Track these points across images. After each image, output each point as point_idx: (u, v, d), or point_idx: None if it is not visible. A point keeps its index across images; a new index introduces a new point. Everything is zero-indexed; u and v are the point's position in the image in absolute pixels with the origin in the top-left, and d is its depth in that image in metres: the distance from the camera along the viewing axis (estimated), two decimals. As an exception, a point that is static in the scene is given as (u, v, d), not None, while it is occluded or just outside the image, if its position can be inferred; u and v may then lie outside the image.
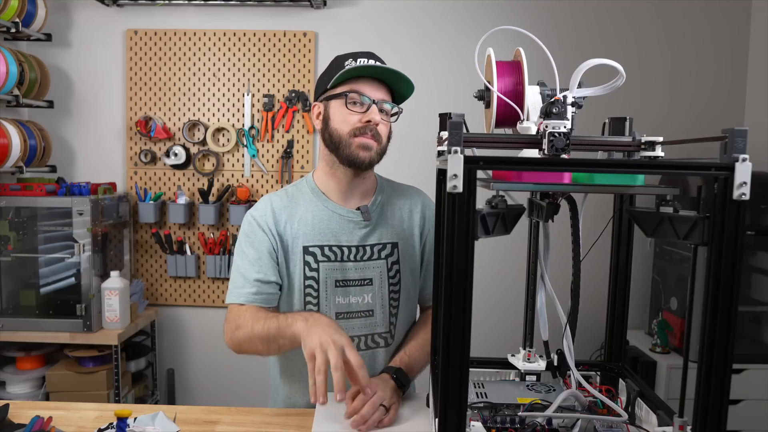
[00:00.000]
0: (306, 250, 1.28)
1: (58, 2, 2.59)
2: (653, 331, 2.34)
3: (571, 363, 1.00)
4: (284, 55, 2.61)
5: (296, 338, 1.10)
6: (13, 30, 2.29)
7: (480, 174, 0.74)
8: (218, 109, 2.64)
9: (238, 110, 2.64)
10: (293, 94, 2.61)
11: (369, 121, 1.22)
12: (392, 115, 1.29)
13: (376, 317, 1.32)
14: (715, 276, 0.73)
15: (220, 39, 2.61)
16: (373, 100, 1.23)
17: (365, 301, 1.31)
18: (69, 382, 2.32)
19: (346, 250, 1.29)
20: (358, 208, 1.31)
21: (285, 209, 1.30)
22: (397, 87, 1.28)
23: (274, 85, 2.63)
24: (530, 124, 0.89)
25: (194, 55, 2.62)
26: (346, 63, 1.25)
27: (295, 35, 2.60)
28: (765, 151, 2.36)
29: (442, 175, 1.02)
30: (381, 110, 1.25)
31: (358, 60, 1.26)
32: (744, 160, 0.70)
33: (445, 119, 1.01)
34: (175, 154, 2.61)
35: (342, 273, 1.30)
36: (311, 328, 1.07)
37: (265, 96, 2.61)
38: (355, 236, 1.30)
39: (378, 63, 1.27)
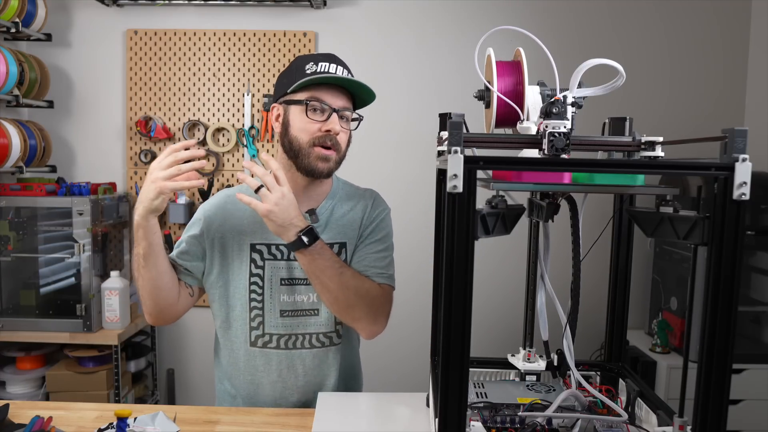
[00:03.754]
0: (253, 247, 1.30)
1: (58, 2, 2.58)
2: (653, 331, 2.34)
3: (571, 363, 1.00)
4: (284, 55, 2.61)
5: (138, 226, 1.17)
6: (13, 30, 2.28)
7: (480, 174, 0.74)
8: (218, 109, 2.64)
9: (238, 110, 2.64)
10: (293, 94, 2.61)
11: (329, 131, 1.22)
12: (352, 121, 1.29)
13: (321, 316, 1.32)
14: (715, 276, 0.73)
15: (220, 39, 2.61)
16: (334, 109, 1.22)
17: (311, 300, 1.31)
18: (69, 382, 2.32)
19: None
20: (309, 211, 1.31)
21: (236, 204, 1.30)
22: (359, 94, 1.28)
23: (274, 85, 2.62)
24: (530, 124, 0.89)
25: (194, 55, 2.62)
26: (307, 68, 1.24)
27: (295, 35, 2.60)
28: (765, 151, 2.36)
29: (442, 175, 1.02)
30: (341, 117, 1.24)
31: (320, 65, 1.24)
32: (744, 160, 0.71)
33: (445, 119, 1.01)
34: (175, 154, 2.61)
35: (288, 271, 1.30)
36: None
37: (265, 96, 2.61)
38: None
39: (340, 68, 1.26)
